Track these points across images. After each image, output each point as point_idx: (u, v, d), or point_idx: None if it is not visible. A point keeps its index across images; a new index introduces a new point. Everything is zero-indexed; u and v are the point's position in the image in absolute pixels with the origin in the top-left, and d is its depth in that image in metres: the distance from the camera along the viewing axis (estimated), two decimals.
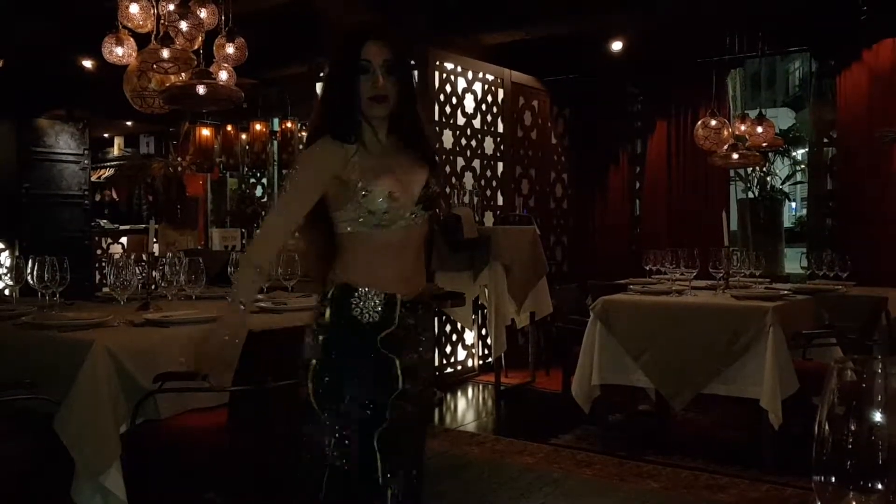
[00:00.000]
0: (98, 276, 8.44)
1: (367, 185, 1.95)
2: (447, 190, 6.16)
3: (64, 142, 8.63)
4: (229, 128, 8.76)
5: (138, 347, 2.68)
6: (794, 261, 7.53)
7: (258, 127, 8.59)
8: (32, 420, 2.63)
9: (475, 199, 6.32)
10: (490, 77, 6.73)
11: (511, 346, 6.07)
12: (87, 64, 6.71)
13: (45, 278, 3.13)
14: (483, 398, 5.92)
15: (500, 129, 6.89)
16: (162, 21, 4.08)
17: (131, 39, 4.22)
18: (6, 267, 3.45)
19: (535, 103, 7.29)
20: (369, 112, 2.00)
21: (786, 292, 4.29)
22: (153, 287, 3.33)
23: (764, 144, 5.95)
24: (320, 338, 2.00)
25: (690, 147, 6.60)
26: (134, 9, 4.11)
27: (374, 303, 1.97)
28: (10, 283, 3.40)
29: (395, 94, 1.99)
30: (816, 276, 4.86)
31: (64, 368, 2.55)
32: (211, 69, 4.20)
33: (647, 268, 4.96)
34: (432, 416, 2.23)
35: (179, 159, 8.79)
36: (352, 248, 2.02)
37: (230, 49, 4.33)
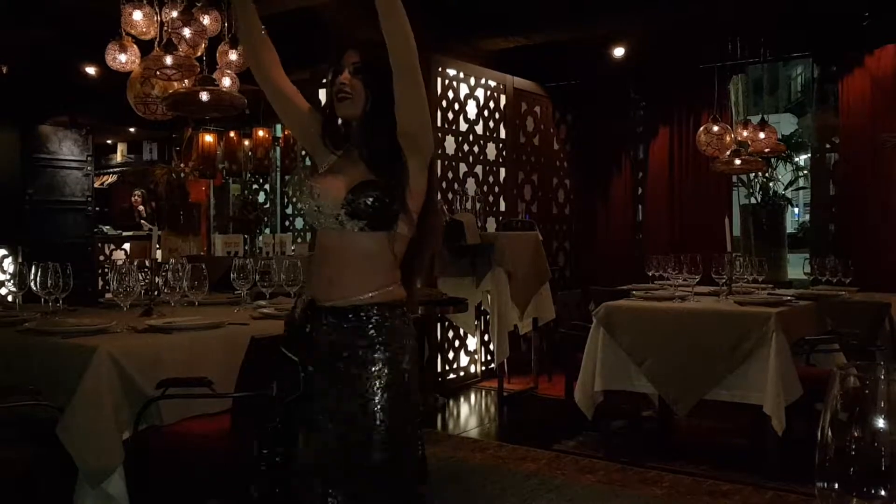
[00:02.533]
0: (101, 283, 8.46)
1: (310, 180, 2.06)
2: (450, 196, 6.17)
3: (67, 148, 8.65)
4: (232, 134, 8.78)
5: (141, 353, 2.68)
6: (796, 266, 7.53)
7: (261, 133, 8.61)
8: (35, 426, 2.64)
9: (478, 205, 6.33)
10: (492, 83, 6.75)
11: (514, 351, 6.06)
12: (91, 70, 6.73)
13: (49, 284, 3.14)
14: (486, 404, 5.91)
15: (503, 134, 6.90)
16: (165, 28, 4.09)
17: (135, 46, 4.23)
18: (10, 273, 3.46)
19: (537, 109, 7.30)
20: (338, 112, 2.07)
21: (789, 298, 4.28)
22: (156, 293, 3.33)
23: (766, 150, 5.94)
24: None
25: (693, 153, 6.60)
26: (137, 16, 4.12)
27: (302, 303, 2.05)
28: (14, 289, 3.41)
29: (363, 98, 2.02)
30: (819, 281, 4.85)
31: (67, 374, 2.55)
32: (214, 76, 4.21)
33: (650, 273, 4.96)
34: (371, 454, 1.91)
35: (182, 165, 8.81)
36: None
37: (233, 55, 4.34)
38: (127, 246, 10.13)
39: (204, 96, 4.04)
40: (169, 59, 3.89)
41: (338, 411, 1.95)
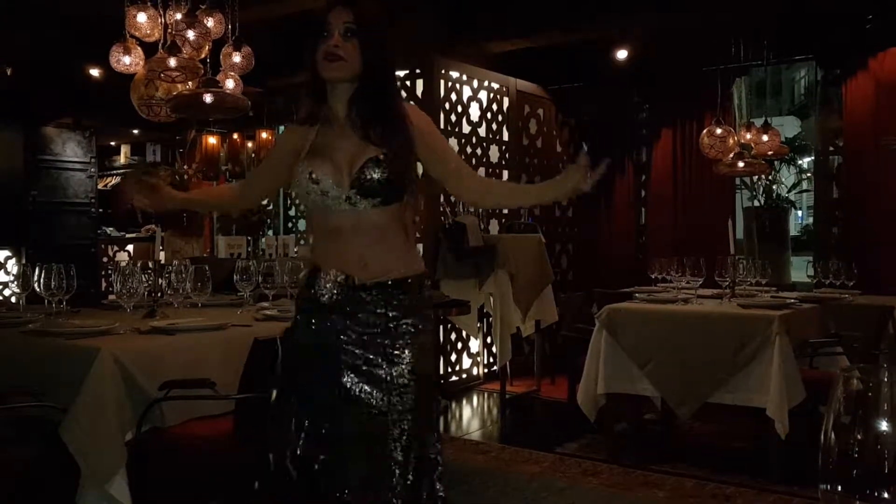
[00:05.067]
0: (104, 284, 8.47)
1: (303, 164, 1.98)
2: (453, 198, 6.17)
3: (71, 150, 8.67)
4: (235, 136, 8.79)
5: (144, 355, 2.68)
6: (800, 269, 7.51)
7: (264, 135, 8.61)
8: (38, 427, 2.64)
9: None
10: (495, 85, 6.75)
11: (516, 354, 6.05)
12: (95, 72, 6.74)
13: (52, 286, 3.14)
14: (488, 406, 5.91)
15: (506, 137, 6.90)
16: (169, 30, 4.10)
17: (139, 48, 4.24)
18: (13, 274, 3.47)
19: (540, 111, 7.30)
20: (324, 74, 1.96)
21: (792, 301, 4.27)
22: (159, 294, 3.34)
23: (769, 153, 5.94)
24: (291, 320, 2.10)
25: (696, 155, 6.60)
26: (141, 18, 4.13)
27: (332, 282, 1.94)
28: (17, 290, 3.42)
29: (357, 61, 1.94)
30: (822, 284, 4.85)
31: (70, 376, 2.55)
32: (217, 78, 4.22)
33: (653, 276, 4.95)
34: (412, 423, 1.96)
35: (185, 167, 8.82)
36: (313, 227, 2.12)
37: (237, 58, 4.35)
38: (130, 247, 10.15)
39: (207, 98, 4.05)
40: (173, 62, 3.90)
41: (374, 380, 1.93)
